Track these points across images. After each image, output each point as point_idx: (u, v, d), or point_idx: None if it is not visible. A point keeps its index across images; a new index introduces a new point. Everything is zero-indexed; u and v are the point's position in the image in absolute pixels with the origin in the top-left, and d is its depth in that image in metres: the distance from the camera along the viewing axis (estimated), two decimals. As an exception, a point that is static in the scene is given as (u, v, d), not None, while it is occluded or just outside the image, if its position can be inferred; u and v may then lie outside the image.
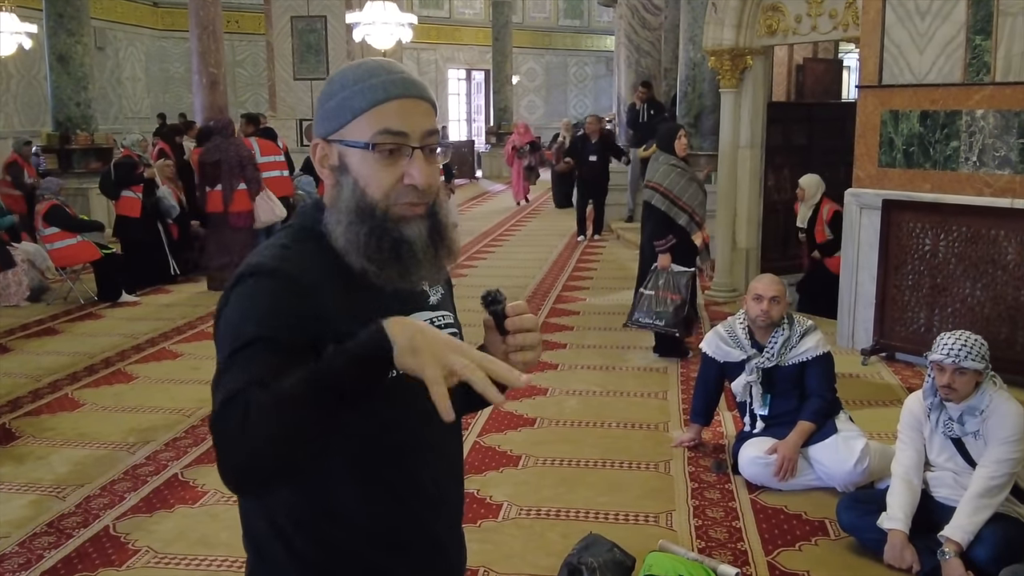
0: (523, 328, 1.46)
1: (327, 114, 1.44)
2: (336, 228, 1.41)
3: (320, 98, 1.47)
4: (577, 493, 4.20)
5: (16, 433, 5.12)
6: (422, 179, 1.40)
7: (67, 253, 8.64)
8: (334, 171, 1.44)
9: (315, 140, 1.47)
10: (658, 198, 6.23)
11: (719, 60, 7.68)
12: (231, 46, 21.81)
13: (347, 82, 1.42)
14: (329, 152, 1.45)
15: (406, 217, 1.41)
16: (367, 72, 1.42)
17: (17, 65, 16.67)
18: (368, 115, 1.40)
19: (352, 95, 1.41)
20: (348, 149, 1.41)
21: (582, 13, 29.84)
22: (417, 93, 1.43)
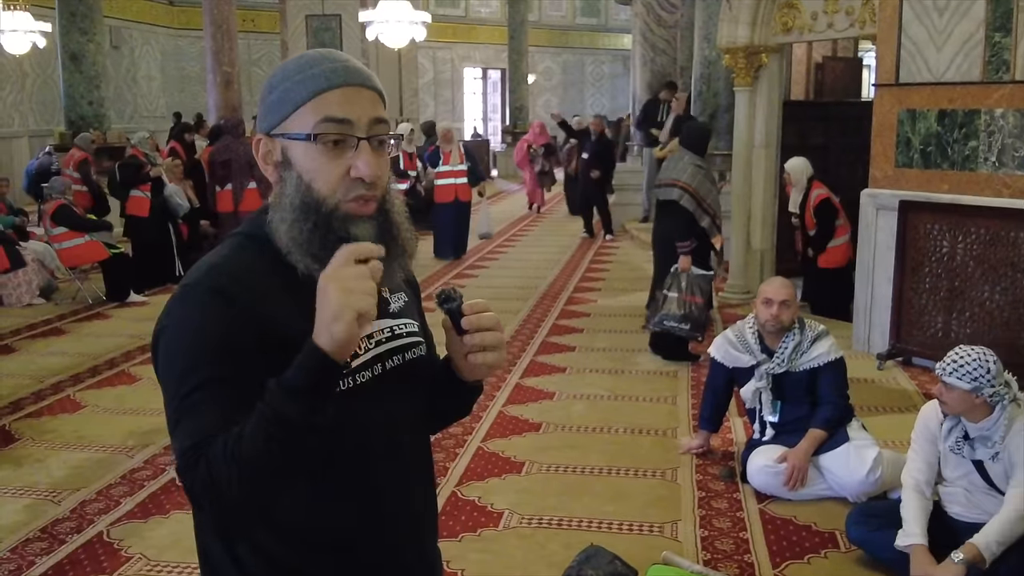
0: (481, 327, 1.39)
1: (269, 108, 1.38)
2: (280, 227, 1.34)
3: (262, 93, 1.41)
4: (581, 501, 4.09)
5: (16, 435, 5.07)
6: (368, 171, 1.32)
7: (75, 253, 8.60)
8: (277, 167, 1.37)
9: (257, 136, 1.39)
10: (687, 198, 6.14)
11: (734, 58, 7.56)
12: (247, 45, 21.82)
13: (288, 73, 1.36)
14: (272, 148, 1.38)
15: (354, 215, 1.33)
16: (308, 62, 1.36)
17: (32, 64, 16.71)
18: (309, 105, 1.33)
19: (293, 86, 1.34)
20: (290, 142, 1.34)
21: (599, 11, 29.71)
22: (361, 81, 1.36)
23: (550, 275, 9.85)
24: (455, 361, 1.46)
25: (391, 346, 1.44)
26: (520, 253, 11.67)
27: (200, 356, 1.27)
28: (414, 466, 1.52)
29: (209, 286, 1.31)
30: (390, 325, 1.46)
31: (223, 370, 1.26)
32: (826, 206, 7.13)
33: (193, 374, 1.27)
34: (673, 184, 6.19)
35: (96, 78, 13.08)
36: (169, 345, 1.31)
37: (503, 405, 5.41)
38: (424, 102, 24.89)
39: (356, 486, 1.40)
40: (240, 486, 1.21)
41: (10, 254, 8.41)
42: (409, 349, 1.47)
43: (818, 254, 7.22)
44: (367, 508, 1.42)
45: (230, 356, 1.27)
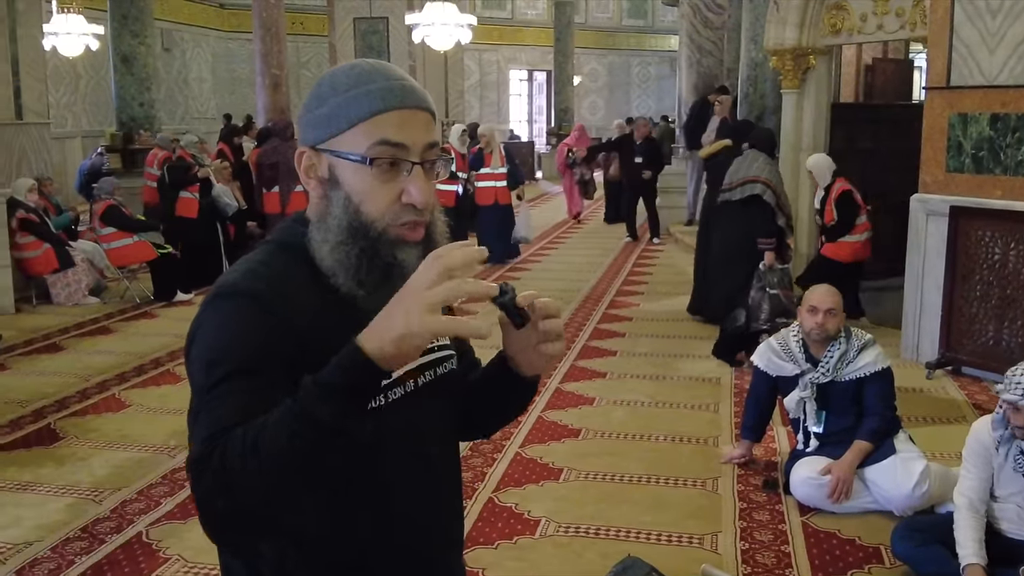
0: (549, 313, 1.32)
1: (317, 120, 1.32)
2: (322, 247, 1.30)
3: (308, 102, 1.34)
4: (619, 510, 4.04)
5: (60, 434, 5.13)
6: (421, 197, 1.29)
7: (123, 253, 8.73)
8: (322, 183, 1.32)
9: (301, 148, 1.34)
10: (769, 193, 6.22)
11: (781, 60, 7.46)
12: (295, 48, 22.02)
13: (340, 87, 1.30)
14: (317, 162, 1.32)
15: (403, 240, 1.30)
16: (362, 76, 1.30)
17: (85, 66, 17.02)
18: (365, 125, 1.28)
19: (346, 102, 1.29)
20: (341, 161, 1.29)
21: (646, 13, 29.55)
22: (417, 103, 1.31)
23: (592, 278, 9.79)
24: (513, 356, 1.41)
25: (423, 361, 1.40)
26: (562, 256, 11.62)
27: (230, 351, 1.23)
28: (443, 479, 1.50)
29: (246, 291, 1.28)
30: None
31: (251, 365, 1.21)
32: (847, 198, 6.96)
33: (220, 366, 1.22)
34: (755, 180, 6.28)
35: (147, 80, 13.27)
36: (201, 343, 1.27)
37: (542, 410, 5.37)
38: (470, 104, 24.92)
39: (383, 501, 1.37)
40: (253, 480, 1.11)
41: (59, 254, 8.56)
42: (440, 364, 1.45)
43: (828, 242, 7.04)
44: (394, 523, 1.39)
45: (261, 355, 1.22)
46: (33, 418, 5.37)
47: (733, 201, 6.36)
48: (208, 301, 1.31)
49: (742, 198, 6.29)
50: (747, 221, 6.22)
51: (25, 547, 3.73)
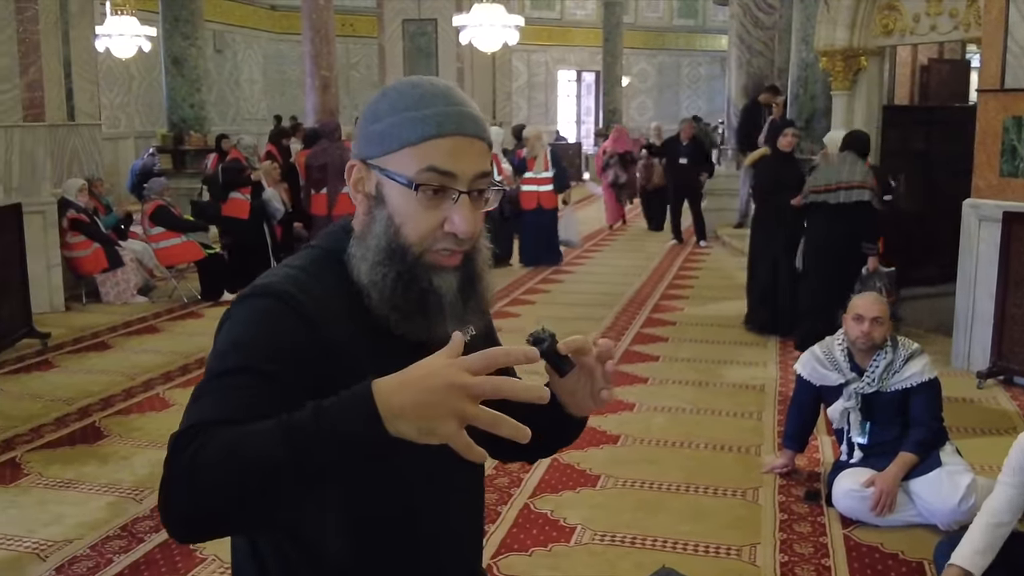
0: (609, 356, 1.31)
1: (372, 137, 1.30)
2: (360, 264, 1.29)
3: (366, 116, 1.32)
4: (656, 519, 3.98)
5: (104, 432, 5.20)
6: (464, 227, 1.26)
7: (172, 252, 8.85)
8: (369, 199, 1.31)
9: (353, 161, 1.32)
10: (876, 199, 6.29)
11: (831, 61, 7.32)
12: (345, 49, 22.19)
13: (398, 106, 1.28)
14: (367, 176, 1.32)
15: (439, 266, 1.28)
16: (422, 99, 1.28)
17: (138, 67, 17.31)
18: (416, 149, 1.26)
19: (402, 123, 1.27)
20: (388, 180, 1.28)
21: (697, 12, 29.30)
22: (474, 132, 1.29)
23: (637, 282, 9.71)
24: (560, 398, 1.37)
25: None
26: (606, 259, 11.55)
27: (250, 347, 1.20)
28: (467, 506, 1.48)
29: (281, 293, 1.25)
30: None
31: (269, 367, 1.17)
32: None
33: (236, 357, 1.19)
34: (862, 186, 6.30)
35: (197, 81, 13.44)
36: (224, 336, 1.26)
37: (582, 416, 5.31)
38: (518, 105, 24.93)
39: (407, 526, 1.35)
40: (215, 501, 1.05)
41: (109, 254, 8.69)
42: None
43: None
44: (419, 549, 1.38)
45: (281, 359, 1.19)
46: (78, 416, 5.45)
47: (829, 204, 6.38)
48: (241, 298, 1.29)
49: (847, 202, 6.32)
50: (845, 224, 6.31)
51: (65, 545, 3.77)
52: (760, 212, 7.29)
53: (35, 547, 3.75)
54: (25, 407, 5.58)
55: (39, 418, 5.38)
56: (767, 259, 7.09)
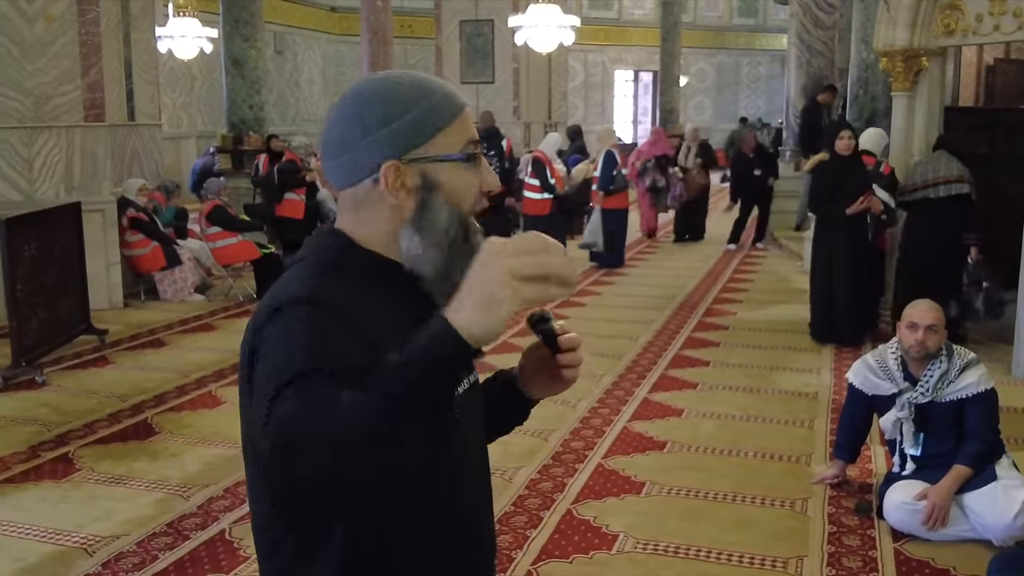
0: (575, 346, 1.45)
1: (398, 134, 1.33)
2: (428, 249, 1.32)
3: (377, 118, 1.33)
4: (701, 528, 3.92)
5: (156, 429, 5.28)
6: (496, 181, 1.43)
7: (228, 252, 8.97)
8: (416, 191, 1.34)
9: (388, 163, 1.32)
10: (974, 191, 6.50)
11: (891, 62, 7.13)
12: (403, 50, 22.33)
13: (410, 98, 1.35)
14: (406, 172, 1.33)
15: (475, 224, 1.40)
16: (424, 86, 1.37)
17: (200, 68, 17.60)
18: (449, 129, 1.36)
19: (426, 111, 1.35)
20: (437, 165, 1.35)
21: (757, 11, 28.95)
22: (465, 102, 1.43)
23: (689, 285, 9.60)
24: (529, 379, 1.54)
25: None
26: (659, 261, 11.44)
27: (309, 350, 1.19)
28: (485, 483, 1.55)
29: (312, 296, 1.26)
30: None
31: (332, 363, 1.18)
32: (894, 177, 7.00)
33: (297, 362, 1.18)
34: (960, 180, 6.50)
35: (257, 83, 13.60)
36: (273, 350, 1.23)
37: (628, 420, 5.27)
38: (574, 105, 24.85)
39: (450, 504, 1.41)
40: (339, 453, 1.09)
41: (167, 253, 8.84)
42: (472, 370, 1.49)
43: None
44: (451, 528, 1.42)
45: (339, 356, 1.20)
46: (131, 412, 5.54)
47: (931, 199, 6.56)
48: (270, 315, 1.27)
49: (947, 195, 6.51)
50: (944, 217, 6.49)
51: (113, 540, 3.83)
52: (819, 218, 7.09)
53: (83, 542, 3.82)
54: (80, 403, 5.70)
55: (93, 414, 5.49)
56: (825, 266, 6.91)
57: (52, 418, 5.40)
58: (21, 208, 7.07)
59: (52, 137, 7.98)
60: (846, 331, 6.85)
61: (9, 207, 7.23)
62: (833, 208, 6.74)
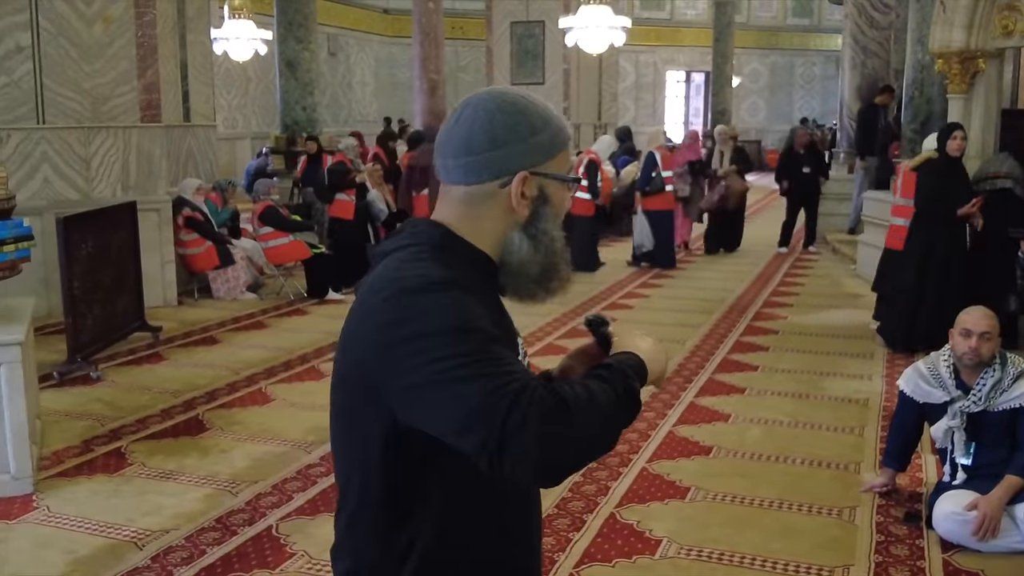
0: None
1: (534, 148, 1.48)
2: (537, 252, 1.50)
3: (518, 130, 1.46)
4: (746, 535, 3.88)
5: (207, 425, 5.36)
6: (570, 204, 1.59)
7: (280, 251, 9.10)
8: (533, 201, 1.49)
9: (521, 173, 1.46)
10: (1018, 186, 6.58)
11: (947, 63, 7.02)
12: (454, 52, 22.44)
13: (540, 121, 1.49)
14: (529, 182, 1.48)
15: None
16: (548, 110, 1.52)
17: (255, 69, 17.86)
18: (564, 154, 1.52)
19: (554, 135, 1.50)
20: (551, 182, 1.50)
21: (812, 11, 28.62)
22: None
23: (739, 288, 9.51)
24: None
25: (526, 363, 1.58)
26: (709, 264, 11.34)
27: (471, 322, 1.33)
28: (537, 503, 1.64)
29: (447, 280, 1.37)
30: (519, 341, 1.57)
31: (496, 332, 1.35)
32: None
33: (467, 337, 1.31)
34: (1005, 175, 6.62)
35: (310, 84, 13.76)
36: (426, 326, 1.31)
37: (674, 424, 5.24)
38: (624, 106, 24.77)
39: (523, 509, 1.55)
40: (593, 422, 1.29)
41: (221, 252, 8.99)
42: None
43: None
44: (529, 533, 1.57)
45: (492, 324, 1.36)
46: (183, 408, 5.64)
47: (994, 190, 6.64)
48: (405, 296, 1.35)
49: (992, 189, 6.57)
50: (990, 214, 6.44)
51: (162, 535, 3.91)
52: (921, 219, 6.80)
53: (133, 536, 3.89)
54: (134, 398, 5.81)
55: (146, 409, 5.60)
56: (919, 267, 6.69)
57: (106, 413, 5.52)
58: (78, 207, 7.24)
59: (109, 137, 8.15)
60: (932, 333, 6.57)
61: (67, 206, 7.41)
62: (943, 209, 6.53)
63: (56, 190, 7.90)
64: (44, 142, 7.82)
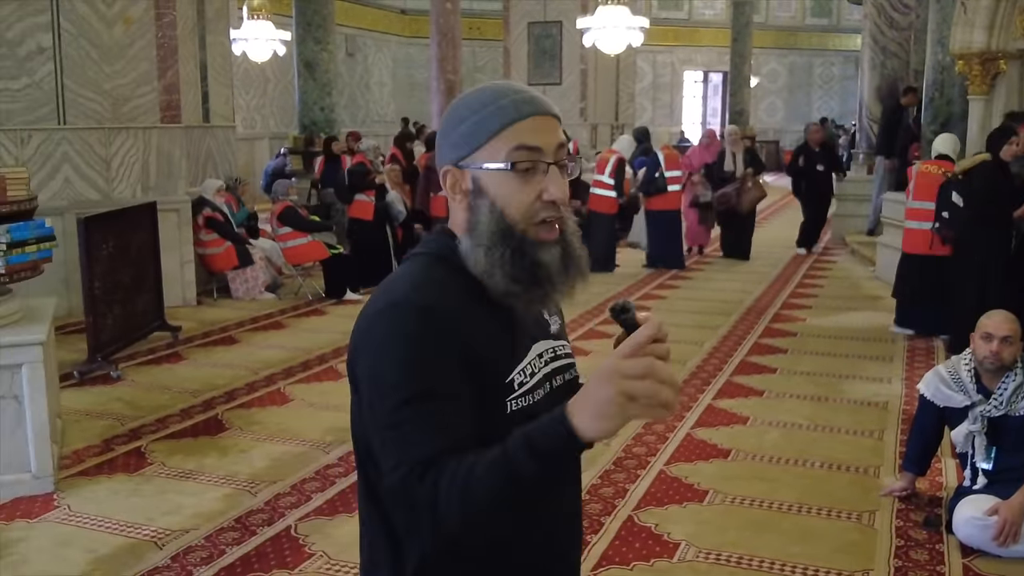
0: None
1: (457, 140, 1.42)
2: (476, 251, 1.39)
3: (446, 125, 1.44)
4: (764, 539, 3.87)
5: (226, 424, 5.39)
6: (560, 193, 1.40)
7: (298, 252, 9.14)
8: (467, 195, 1.42)
9: (445, 168, 1.43)
10: None
11: (968, 64, 6.99)
12: (472, 52, 22.47)
13: (475, 106, 1.41)
14: (460, 178, 1.42)
15: (542, 241, 1.40)
16: (495, 94, 1.41)
17: (273, 70, 17.93)
18: (503, 135, 1.38)
19: (484, 118, 1.39)
20: (483, 172, 1.40)
21: (831, 11, 28.50)
22: (545, 109, 1.42)
23: (757, 290, 9.48)
24: None
25: (555, 366, 1.50)
26: (726, 265, 11.29)
27: (418, 365, 1.31)
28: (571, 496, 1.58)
29: (421, 304, 1.35)
30: (552, 346, 1.51)
31: (435, 384, 1.30)
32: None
33: (410, 381, 1.30)
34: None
35: (328, 85, 13.81)
36: (378, 358, 1.34)
37: (691, 427, 5.23)
38: (641, 106, 24.73)
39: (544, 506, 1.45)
40: (462, 523, 1.25)
41: (240, 252, 9.03)
42: (567, 370, 1.53)
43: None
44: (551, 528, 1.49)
45: (440, 370, 1.31)
46: (203, 408, 5.67)
47: None
48: (379, 312, 1.37)
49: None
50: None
51: (182, 534, 3.93)
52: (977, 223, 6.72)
53: (153, 535, 3.92)
54: (154, 398, 5.85)
55: (166, 409, 5.63)
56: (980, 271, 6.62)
57: (126, 412, 5.55)
58: (99, 207, 7.29)
59: (129, 138, 8.20)
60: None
61: (87, 206, 7.46)
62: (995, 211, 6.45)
63: (77, 190, 7.96)
64: (65, 143, 7.88)
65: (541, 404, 1.41)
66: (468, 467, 1.23)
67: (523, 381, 1.40)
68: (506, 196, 1.38)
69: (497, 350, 1.38)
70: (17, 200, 4.52)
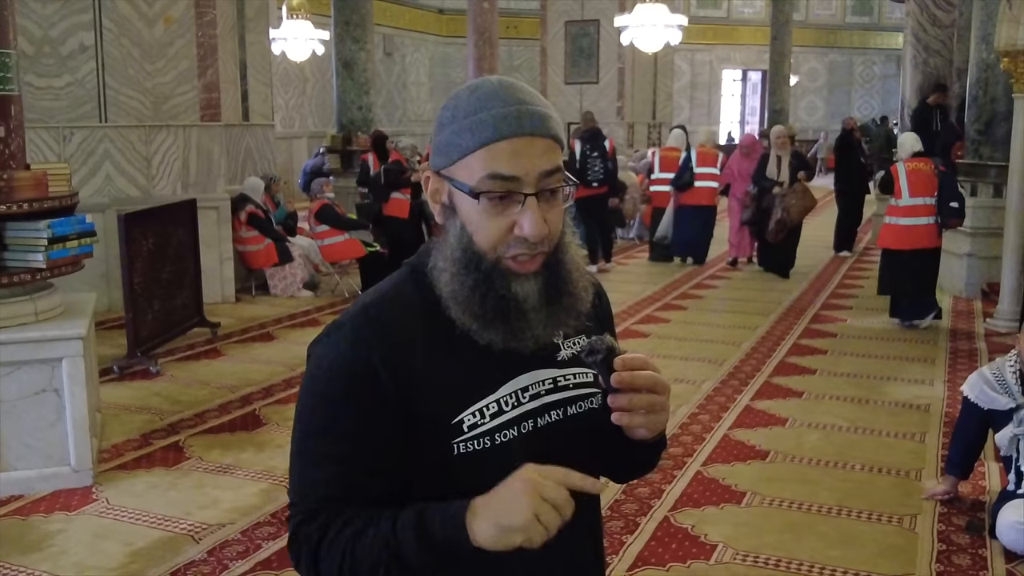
0: (634, 386, 1.21)
1: (438, 147, 1.27)
2: (441, 276, 1.26)
3: (436, 125, 1.30)
4: (804, 542, 3.81)
5: (263, 420, 5.42)
6: (533, 231, 1.21)
7: (335, 249, 9.19)
8: (444, 209, 1.28)
9: (428, 172, 1.30)
10: None
11: (1013, 62, 6.84)
12: (509, 51, 22.47)
13: (459, 112, 1.24)
14: (440, 187, 1.28)
15: (516, 272, 1.24)
16: (480, 101, 1.23)
17: (312, 69, 18.05)
18: (477, 155, 1.21)
19: (462, 130, 1.23)
20: (456, 189, 1.25)
21: (872, 9, 28.17)
22: (533, 129, 1.22)
23: (796, 290, 9.38)
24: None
25: (551, 400, 1.31)
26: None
27: (328, 407, 1.25)
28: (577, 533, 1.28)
29: (354, 328, 1.27)
30: (553, 376, 1.32)
31: (349, 424, 1.23)
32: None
33: (323, 418, 1.26)
34: None
35: (366, 84, 13.86)
36: (306, 383, 1.29)
37: (729, 428, 5.17)
38: (679, 105, 24.59)
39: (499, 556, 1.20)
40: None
41: (279, 250, 9.09)
42: (575, 402, 1.34)
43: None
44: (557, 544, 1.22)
45: (358, 411, 1.23)
46: (240, 403, 5.70)
47: None
48: (328, 330, 1.30)
49: None
50: None
51: (219, 528, 3.95)
52: None
53: (190, 529, 3.94)
54: (192, 393, 5.89)
55: (204, 404, 5.67)
56: None
57: (164, 407, 5.60)
58: (139, 204, 7.37)
59: (170, 136, 8.28)
60: None
61: (128, 203, 7.55)
62: None
63: (118, 187, 8.05)
64: (106, 140, 7.98)
65: (512, 447, 1.25)
66: (352, 535, 1.20)
67: (477, 423, 1.24)
68: (475, 223, 1.23)
69: (448, 386, 1.23)
70: (59, 196, 4.56)
